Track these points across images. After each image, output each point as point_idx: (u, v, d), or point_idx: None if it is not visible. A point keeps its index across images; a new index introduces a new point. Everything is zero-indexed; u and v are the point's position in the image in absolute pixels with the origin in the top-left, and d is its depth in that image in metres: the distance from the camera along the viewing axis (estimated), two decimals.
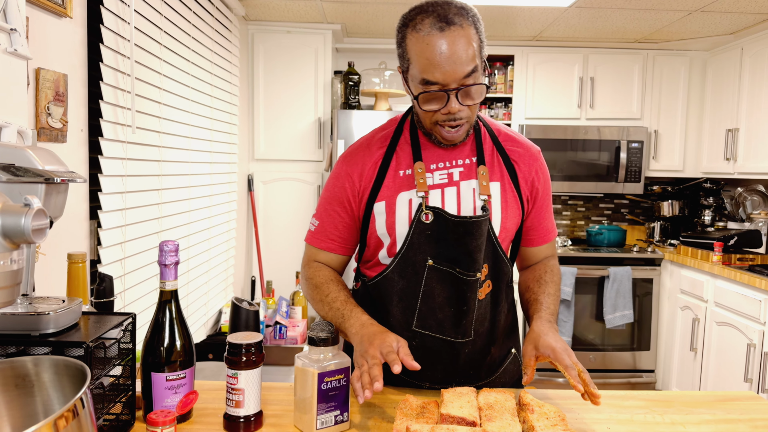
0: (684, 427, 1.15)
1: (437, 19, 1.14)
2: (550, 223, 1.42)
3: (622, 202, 4.47)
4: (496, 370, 1.38)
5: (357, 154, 1.33)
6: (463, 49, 1.13)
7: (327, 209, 1.35)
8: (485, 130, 1.35)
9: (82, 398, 0.69)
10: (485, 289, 1.30)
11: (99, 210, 1.78)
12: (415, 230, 1.26)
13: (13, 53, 1.19)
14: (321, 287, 1.31)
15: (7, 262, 0.66)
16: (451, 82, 1.15)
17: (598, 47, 4.02)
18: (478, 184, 1.28)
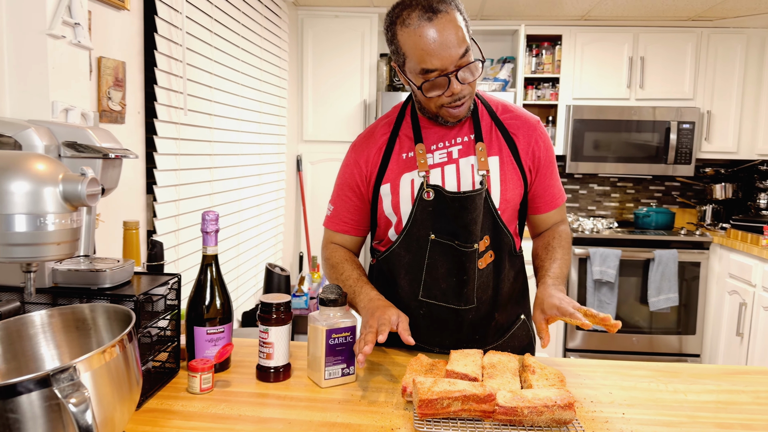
0: (685, 395, 1.21)
1: (423, 10, 1.20)
2: (556, 189, 1.47)
3: (673, 184, 4.39)
4: (503, 334, 1.47)
5: (363, 142, 1.43)
6: (453, 33, 1.20)
7: (340, 195, 1.46)
8: (483, 106, 1.42)
9: (128, 335, 0.84)
10: (487, 259, 1.38)
11: (154, 185, 1.96)
12: (417, 208, 1.35)
13: (77, 45, 1.35)
14: (336, 267, 1.44)
15: (68, 221, 0.81)
16: (449, 66, 1.22)
17: (648, 26, 3.94)
18: (476, 160, 1.36)
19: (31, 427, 0.74)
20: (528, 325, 1.51)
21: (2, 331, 0.90)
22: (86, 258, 1.20)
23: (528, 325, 1.51)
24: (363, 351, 1.13)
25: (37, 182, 0.78)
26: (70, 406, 0.72)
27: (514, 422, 1.02)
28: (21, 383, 0.73)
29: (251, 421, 1.04)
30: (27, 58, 1.25)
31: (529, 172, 1.41)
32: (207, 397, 1.14)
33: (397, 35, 1.24)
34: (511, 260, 1.44)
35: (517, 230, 1.48)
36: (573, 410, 1.01)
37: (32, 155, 0.81)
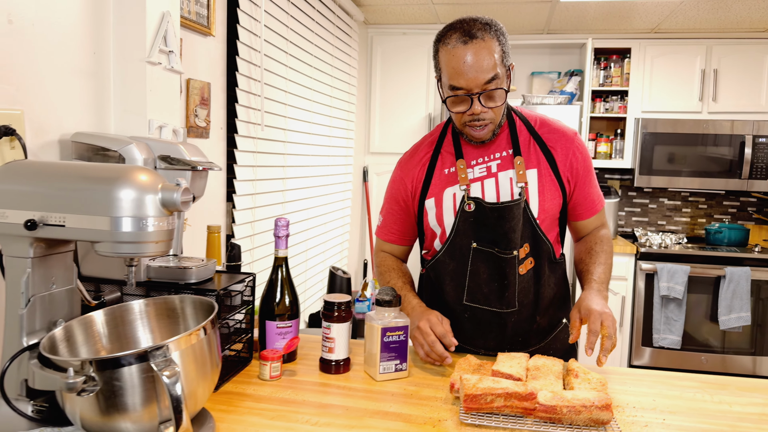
0: (730, 406, 1.23)
1: (462, 33, 1.32)
2: (595, 196, 1.54)
3: (749, 200, 4.24)
4: (545, 337, 1.54)
5: (408, 160, 1.56)
6: (484, 59, 1.31)
7: (387, 208, 1.61)
8: (520, 121, 1.50)
9: (210, 323, 0.98)
10: (527, 265, 1.47)
11: (234, 194, 2.15)
12: (460, 219, 1.46)
13: (170, 69, 1.54)
14: (384, 275, 1.59)
15: (164, 223, 0.96)
16: (474, 88, 1.33)
17: (722, 38, 3.84)
18: (515, 173, 1.45)
19: (130, 394, 0.89)
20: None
21: (108, 316, 1.07)
22: (174, 257, 1.37)
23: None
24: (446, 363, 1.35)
25: (140, 190, 0.93)
26: (164, 377, 0.86)
27: (554, 420, 1.09)
28: (124, 357, 0.88)
29: (314, 406, 1.17)
30: (129, 82, 1.44)
31: (567, 182, 1.49)
32: (275, 384, 1.27)
33: (439, 51, 1.38)
34: (551, 266, 1.51)
35: (557, 238, 1.55)
36: (611, 411, 1.07)
37: (137, 168, 0.97)
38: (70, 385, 0.86)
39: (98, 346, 1.05)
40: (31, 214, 0.94)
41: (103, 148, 1.26)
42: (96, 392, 0.87)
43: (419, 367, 1.40)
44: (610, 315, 1.30)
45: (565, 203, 1.51)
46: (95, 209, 0.92)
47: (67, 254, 1.05)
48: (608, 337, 1.27)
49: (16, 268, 0.98)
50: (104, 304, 1.18)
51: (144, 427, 0.91)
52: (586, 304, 1.33)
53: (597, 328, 1.28)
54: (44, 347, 0.94)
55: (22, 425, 0.97)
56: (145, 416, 0.90)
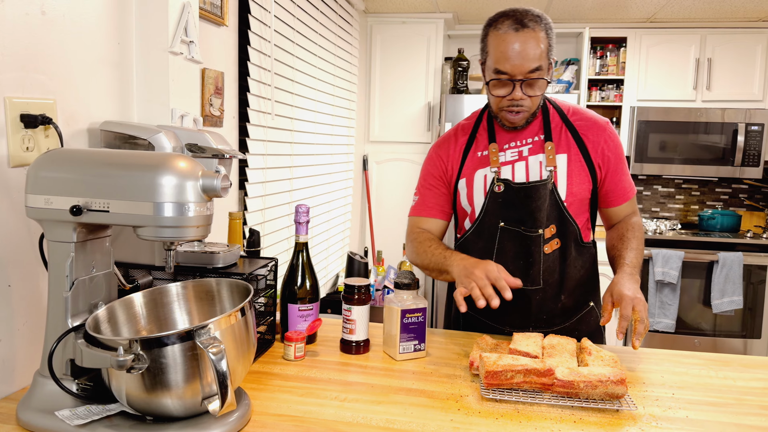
0: (734, 381, 1.30)
1: (514, 21, 1.39)
2: (627, 184, 1.61)
3: (741, 187, 4.33)
4: (570, 317, 1.60)
5: (445, 142, 1.62)
6: (531, 48, 1.38)
7: (425, 184, 1.64)
8: (554, 109, 1.57)
9: (248, 304, 1.03)
10: (552, 245, 1.53)
11: (246, 182, 2.19)
12: (489, 200, 1.52)
13: (191, 59, 1.57)
14: (423, 243, 1.58)
15: (204, 209, 1.00)
16: (518, 74, 1.40)
17: (716, 27, 3.91)
18: (545, 157, 1.51)
19: (174, 371, 0.93)
20: (597, 312, 1.63)
21: (147, 298, 1.11)
22: (199, 243, 1.41)
23: (597, 312, 1.63)
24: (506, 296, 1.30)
25: (182, 177, 0.97)
26: (210, 354, 0.91)
27: (571, 395, 1.15)
28: (170, 336, 0.92)
29: (339, 384, 1.22)
30: (152, 72, 1.47)
31: (598, 168, 1.55)
32: (300, 364, 1.32)
33: (488, 35, 1.45)
34: (578, 249, 1.57)
35: (587, 224, 1.60)
36: (625, 386, 1.13)
37: (177, 155, 1.00)
38: (121, 363, 0.90)
39: (138, 326, 1.10)
40: (75, 200, 0.98)
41: (132, 137, 1.29)
42: (143, 370, 0.92)
43: (436, 347, 1.45)
44: (642, 300, 1.35)
45: (595, 189, 1.57)
46: (138, 195, 0.96)
47: (105, 239, 1.09)
48: (640, 321, 1.32)
49: (60, 253, 1.01)
50: (138, 287, 1.23)
51: (187, 404, 0.96)
52: (618, 289, 1.38)
53: (629, 313, 1.32)
54: (90, 327, 0.98)
55: (67, 402, 1.01)
56: (188, 393, 0.95)
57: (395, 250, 4.05)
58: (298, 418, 1.06)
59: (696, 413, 1.13)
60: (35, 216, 1.00)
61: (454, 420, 1.07)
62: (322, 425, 1.03)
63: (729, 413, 1.13)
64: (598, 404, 1.13)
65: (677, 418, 1.10)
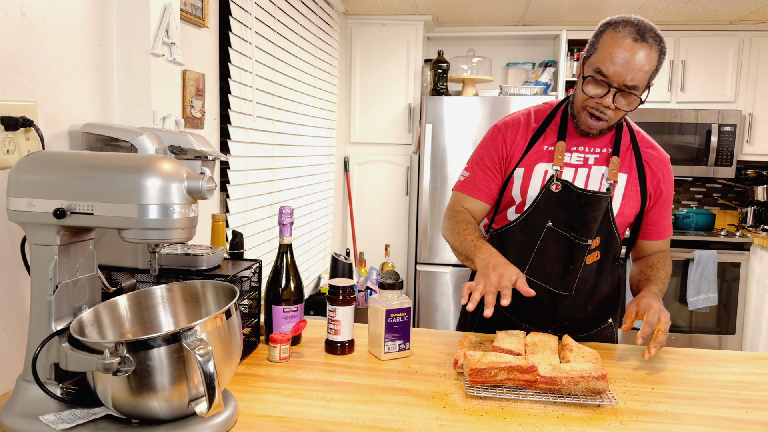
0: (711, 376, 1.34)
1: (636, 31, 1.35)
2: (668, 222, 1.62)
3: (714, 186, 4.42)
4: (590, 329, 1.61)
5: (512, 124, 1.58)
6: (641, 62, 1.34)
7: (479, 163, 1.60)
8: (627, 130, 1.56)
9: (234, 306, 1.03)
10: (593, 257, 1.53)
11: (228, 184, 2.18)
12: (543, 196, 1.51)
13: (172, 61, 1.56)
14: (461, 224, 1.54)
15: (189, 211, 1.00)
16: (616, 81, 1.36)
17: (689, 30, 3.99)
18: (608, 171, 1.51)
19: (161, 373, 0.93)
20: (613, 328, 1.65)
21: (132, 301, 1.11)
22: (182, 245, 1.40)
23: (613, 328, 1.65)
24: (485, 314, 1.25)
25: (166, 179, 0.97)
26: (197, 356, 0.91)
27: (554, 391, 1.17)
28: (156, 338, 0.92)
29: (325, 384, 1.23)
30: (133, 73, 1.46)
31: (649, 198, 1.55)
32: (285, 365, 1.33)
33: (604, 33, 1.39)
34: (613, 265, 1.59)
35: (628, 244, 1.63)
36: (606, 381, 1.15)
37: (161, 157, 1.00)
38: (107, 366, 0.89)
39: (123, 329, 1.09)
40: (59, 202, 0.97)
41: (114, 139, 1.29)
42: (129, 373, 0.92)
43: (421, 346, 1.47)
44: (668, 314, 1.38)
45: (640, 216, 1.57)
46: (123, 197, 0.96)
47: (88, 242, 1.08)
48: (663, 332, 1.34)
49: (43, 256, 1.00)
50: (121, 290, 1.22)
51: (173, 406, 0.95)
52: (647, 300, 1.40)
53: (654, 321, 1.34)
54: (74, 330, 0.97)
55: (52, 407, 1.00)
56: (175, 395, 0.94)
57: (377, 251, 4.06)
58: (285, 418, 1.06)
59: (674, 407, 1.16)
60: (17, 219, 0.99)
61: (440, 418, 1.08)
62: (309, 425, 1.04)
63: (706, 406, 1.17)
64: (580, 399, 1.15)
65: (656, 412, 1.13)
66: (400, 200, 4.11)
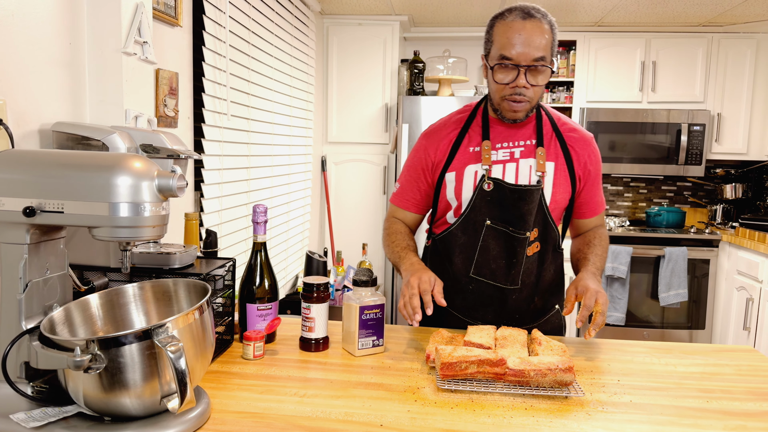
0: (675, 367, 1.38)
1: (522, 11, 1.44)
2: (600, 198, 1.68)
3: (685, 184, 4.52)
4: (539, 318, 1.65)
5: (436, 132, 1.63)
6: (537, 37, 1.41)
7: (407, 176, 1.66)
8: (546, 117, 1.61)
9: (205, 303, 1.04)
10: (533, 248, 1.57)
11: (202, 183, 2.17)
12: (477, 196, 1.55)
13: (144, 60, 1.56)
14: (392, 235, 1.64)
15: (160, 209, 1.00)
16: (523, 60, 1.42)
17: (660, 31, 4.08)
18: (535, 162, 1.55)
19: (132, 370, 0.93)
20: (560, 314, 1.69)
21: (104, 299, 1.11)
22: (155, 243, 1.40)
23: (560, 314, 1.69)
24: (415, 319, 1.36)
25: (137, 177, 0.97)
26: (169, 352, 0.91)
27: (522, 383, 1.20)
28: (127, 335, 0.93)
29: (299, 380, 1.24)
30: (105, 72, 1.46)
31: (578, 180, 1.60)
32: (259, 363, 1.33)
33: (494, 26, 1.47)
34: (554, 254, 1.63)
35: (560, 230, 1.67)
36: (572, 373, 1.18)
37: (132, 155, 1.01)
38: (78, 363, 0.90)
39: (95, 327, 1.09)
40: (28, 201, 0.97)
41: (85, 138, 1.28)
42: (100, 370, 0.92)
43: (395, 342, 1.49)
44: (605, 295, 1.41)
45: (572, 200, 1.62)
46: (93, 195, 0.96)
47: (59, 241, 1.08)
48: (600, 314, 1.38)
49: (13, 255, 1.00)
50: (93, 289, 1.22)
51: (146, 403, 0.96)
52: (584, 283, 1.44)
53: (591, 303, 1.39)
54: (45, 329, 0.97)
55: (23, 406, 1.00)
56: (147, 392, 0.95)
57: (355, 250, 4.07)
58: (257, 414, 1.07)
59: (639, 397, 1.19)
60: None
61: (411, 411, 1.10)
62: (282, 420, 1.05)
63: (670, 396, 1.20)
64: (548, 392, 1.18)
65: (622, 403, 1.16)
66: (378, 199, 4.13)
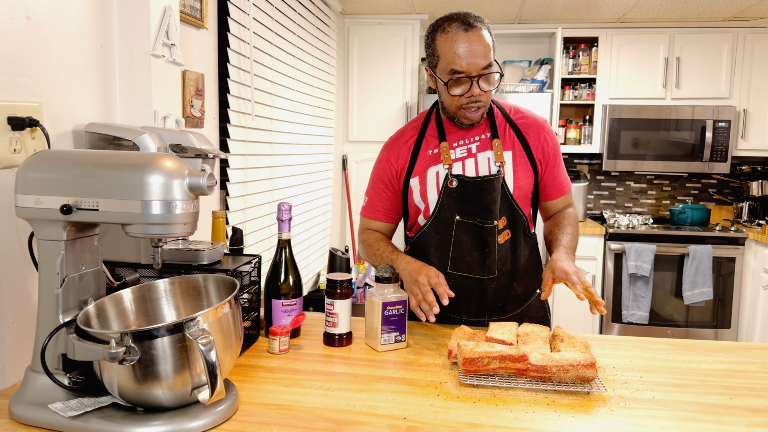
0: (698, 365, 1.37)
1: (461, 23, 1.47)
2: (563, 179, 1.71)
3: (710, 182, 4.46)
4: (521, 304, 1.69)
5: (394, 143, 1.69)
6: (481, 46, 1.46)
7: (374, 188, 1.72)
8: (497, 109, 1.66)
9: (234, 298, 1.07)
10: (504, 236, 1.61)
11: (227, 182, 2.22)
12: (444, 195, 1.59)
13: (172, 62, 1.60)
14: (372, 245, 1.68)
15: (190, 206, 1.04)
16: (473, 71, 1.47)
17: (684, 27, 4.03)
18: (493, 154, 1.59)
19: (164, 362, 0.97)
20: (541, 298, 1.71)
21: (136, 294, 1.15)
22: (184, 241, 1.44)
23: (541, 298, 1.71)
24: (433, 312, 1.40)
25: (169, 176, 1.01)
26: (200, 345, 0.95)
27: (544, 379, 1.21)
28: (160, 328, 0.96)
29: (323, 374, 1.26)
30: (134, 74, 1.50)
31: (539, 163, 1.64)
32: (284, 357, 1.36)
33: (436, 40, 1.50)
34: (526, 239, 1.66)
35: (530, 216, 1.70)
36: (595, 369, 1.19)
37: (164, 155, 1.04)
38: (113, 355, 0.93)
39: (128, 321, 1.13)
40: (65, 199, 1.01)
41: (116, 138, 1.32)
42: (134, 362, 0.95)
43: (417, 338, 1.51)
44: (581, 271, 1.46)
45: (536, 183, 1.66)
46: (127, 193, 1.00)
47: (93, 237, 1.12)
48: (591, 287, 1.40)
49: (50, 251, 1.04)
50: (125, 284, 1.26)
51: (177, 394, 0.99)
52: (560, 265, 1.47)
53: (577, 280, 1.42)
54: (81, 322, 1.01)
55: (60, 396, 1.04)
56: (178, 383, 0.98)
57: None
58: (284, 406, 1.10)
59: (662, 394, 1.20)
60: (25, 215, 1.03)
61: (434, 405, 1.12)
62: (307, 412, 1.08)
63: (692, 393, 1.20)
64: (570, 387, 1.19)
65: (644, 399, 1.17)
66: None
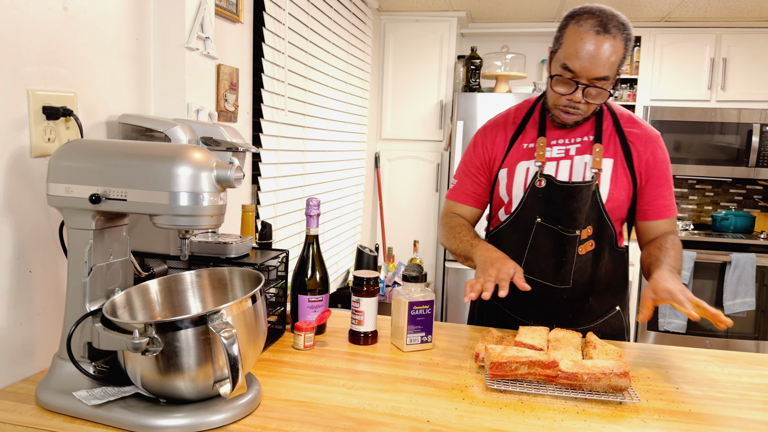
0: (739, 378, 1.31)
1: (598, 22, 1.34)
2: (668, 201, 1.55)
3: (755, 188, 4.30)
4: (596, 319, 1.59)
5: (493, 127, 1.61)
6: (606, 55, 1.34)
7: (464, 171, 1.65)
8: (609, 113, 1.54)
9: (258, 292, 1.06)
10: (587, 246, 1.52)
11: (259, 177, 2.23)
12: (529, 193, 1.52)
13: (206, 55, 1.60)
14: (455, 228, 1.59)
15: (218, 199, 1.03)
16: (584, 77, 1.37)
17: (731, 27, 3.89)
18: (591, 159, 1.50)
19: (187, 354, 0.96)
20: (622, 316, 1.63)
21: (162, 285, 1.15)
22: (213, 233, 1.44)
23: (622, 316, 1.63)
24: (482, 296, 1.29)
25: (196, 167, 1.00)
26: (222, 338, 0.94)
27: (575, 386, 1.16)
28: (183, 320, 0.96)
29: (347, 372, 1.25)
30: (169, 67, 1.51)
31: (639, 177, 1.52)
32: (309, 353, 1.35)
33: (567, 27, 1.39)
34: (612, 253, 1.56)
35: (622, 231, 1.60)
36: (628, 378, 1.14)
37: (192, 147, 1.04)
38: (136, 345, 0.93)
39: (154, 312, 1.13)
40: (94, 188, 1.01)
41: (149, 129, 1.33)
42: (157, 353, 0.95)
43: (443, 339, 1.48)
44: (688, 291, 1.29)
45: (634, 198, 1.54)
46: (155, 184, 0.99)
47: (122, 227, 1.12)
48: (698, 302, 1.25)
49: (79, 240, 1.05)
50: (153, 275, 1.26)
51: (199, 386, 0.99)
52: (663, 285, 1.30)
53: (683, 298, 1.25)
54: (107, 311, 1.01)
55: (85, 384, 1.04)
56: (201, 376, 0.98)
57: (406, 247, 4.07)
58: (306, 403, 1.09)
59: (699, 407, 1.14)
60: (56, 204, 1.04)
61: (459, 408, 1.09)
62: (329, 410, 1.06)
63: (732, 408, 1.15)
64: (602, 396, 1.14)
65: (680, 412, 1.12)
66: (430, 197, 4.12)
